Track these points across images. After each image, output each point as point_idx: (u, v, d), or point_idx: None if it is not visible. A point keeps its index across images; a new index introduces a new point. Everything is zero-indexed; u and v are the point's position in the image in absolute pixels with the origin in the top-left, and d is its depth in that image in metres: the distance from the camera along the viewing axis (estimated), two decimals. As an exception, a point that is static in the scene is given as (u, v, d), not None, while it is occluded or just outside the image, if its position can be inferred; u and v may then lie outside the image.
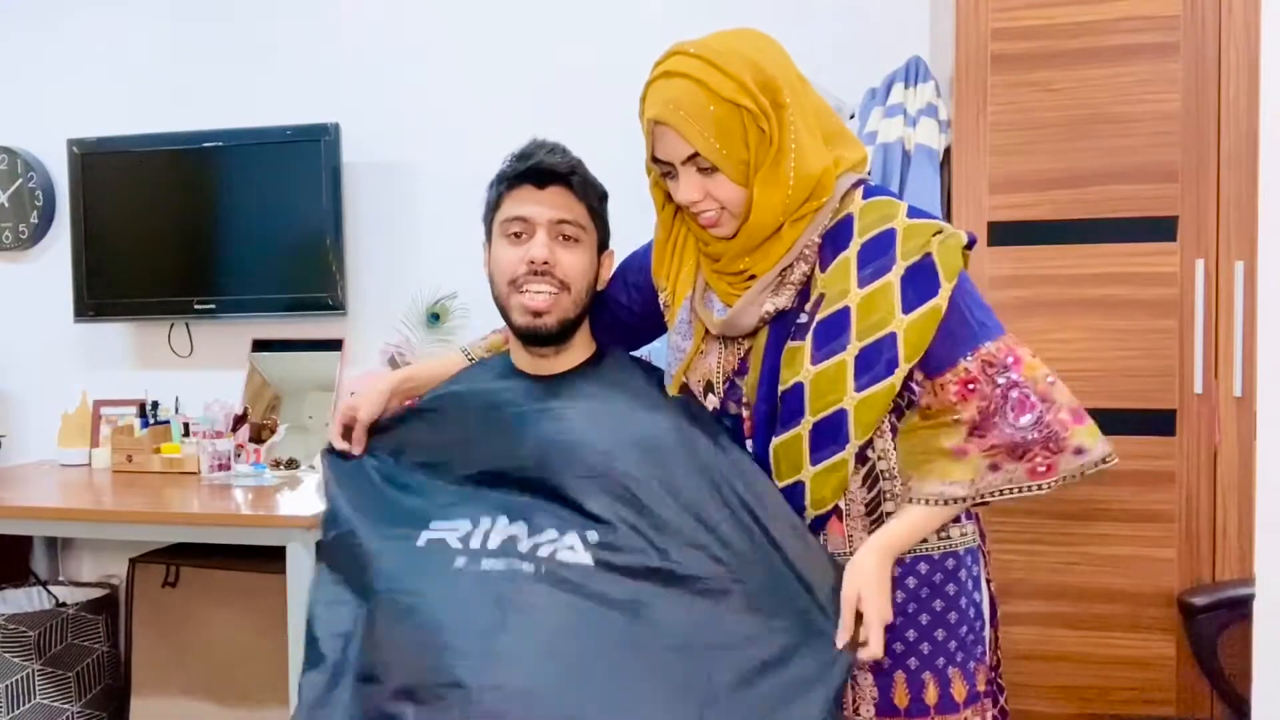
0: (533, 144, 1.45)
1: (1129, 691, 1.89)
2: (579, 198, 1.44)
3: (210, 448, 2.44)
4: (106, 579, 2.93)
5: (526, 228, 1.42)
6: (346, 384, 2.69)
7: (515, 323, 1.44)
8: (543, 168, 1.42)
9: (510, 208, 1.43)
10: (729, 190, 1.27)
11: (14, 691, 2.56)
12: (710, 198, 1.28)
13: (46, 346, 2.98)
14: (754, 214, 1.27)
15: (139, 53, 2.90)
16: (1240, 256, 1.82)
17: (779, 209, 1.27)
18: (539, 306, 1.41)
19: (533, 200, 1.42)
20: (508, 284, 1.43)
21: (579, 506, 1.32)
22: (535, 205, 1.42)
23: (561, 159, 1.43)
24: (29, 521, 2.37)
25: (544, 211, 1.42)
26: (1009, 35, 1.89)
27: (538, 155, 1.42)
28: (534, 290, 1.41)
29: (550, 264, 1.41)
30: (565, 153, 1.45)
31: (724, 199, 1.28)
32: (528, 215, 1.42)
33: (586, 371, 1.49)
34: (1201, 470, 1.86)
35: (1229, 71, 1.82)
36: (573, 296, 1.43)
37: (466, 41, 2.70)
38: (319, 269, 2.68)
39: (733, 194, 1.27)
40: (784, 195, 1.26)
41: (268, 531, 2.11)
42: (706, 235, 1.34)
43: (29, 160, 2.94)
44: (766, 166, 1.25)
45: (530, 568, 1.26)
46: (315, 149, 2.66)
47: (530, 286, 1.41)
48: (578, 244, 1.44)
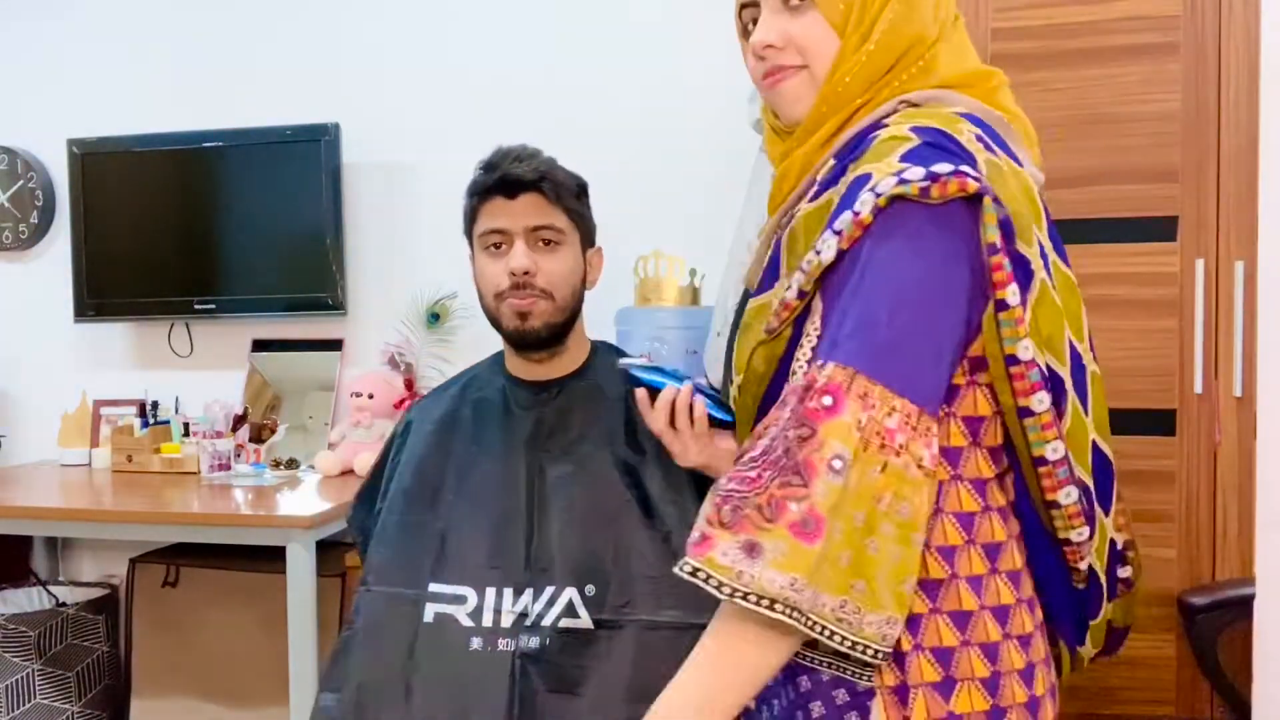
0: (498, 153, 1.44)
1: (1129, 691, 1.89)
2: (553, 202, 1.42)
3: (210, 448, 2.44)
4: (106, 579, 2.93)
5: (504, 239, 1.42)
6: (346, 384, 2.69)
7: (506, 328, 1.46)
8: (510, 178, 1.40)
9: (485, 221, 1.43)
10: (818, 35, 0.97)
11: (14, 691, 2.56)
12: (792, 46, 0.98)
13: (46, 346, 2.98)
14: (834, 73, 0.97)
15: (139, 52, 2.90)
16: (1240, 256, 1.82)
17: (862, 76, 0.96)
18: (525, 308, 1.42)
19: (505, 212, 1.41)
20: (494, 297, 1.44)
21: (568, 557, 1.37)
22: (508, 217, 1.41)
23: (529, 166, 1.41)
24: (29, 521, 2.37)
25: (518, 221, 1.41)
26: (1009, 35, 1.89)
27: (504, 166, 1.41)
28: (518, 300, 1.42)
29: (532, 274, 1.40)
30: (534, 157, 1.43)
31: (809, 46, 0.97)
32: (503, 227, 1.41)
33: (573, 387, 1.49)
34: (1201, 470, 1.86)
35: (1229, 71, 1.82)
36: (558, 303, 1.43)
37: (466, 42, 2.69)
38: (319, 269, 2.68)
39: (821, 41, 0.97)
40: (861, 59, 0.96)
41: (268, 531, 2.11)
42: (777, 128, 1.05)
43: (29, 160, 2.94)
44: (857, 9, 0.96)
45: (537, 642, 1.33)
46: (315, 149, 2.66)
47: (514, 298, 1.42)
48: (559, 246, 1.43)
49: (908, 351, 0.87)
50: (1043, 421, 0.91)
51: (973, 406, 0.94)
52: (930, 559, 0.93)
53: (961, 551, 0.94)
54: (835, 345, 0.87)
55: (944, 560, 0.94)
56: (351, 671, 1.37)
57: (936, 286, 0.88)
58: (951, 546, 0.94)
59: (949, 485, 0.94)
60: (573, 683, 1.29)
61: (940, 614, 0.93)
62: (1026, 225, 0.92)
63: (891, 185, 0.86)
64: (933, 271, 0.88)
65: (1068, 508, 0.95)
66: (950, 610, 0.93)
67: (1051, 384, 0.92)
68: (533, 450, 1.44)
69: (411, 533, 1.43)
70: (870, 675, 0.92)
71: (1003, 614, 0.95)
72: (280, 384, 2.80)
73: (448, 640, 1.34)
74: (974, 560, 0.95)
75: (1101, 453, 1.01)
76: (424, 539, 1.41)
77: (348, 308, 2.73)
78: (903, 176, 0.87)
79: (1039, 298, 0.92)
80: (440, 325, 2.65)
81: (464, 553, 1.39)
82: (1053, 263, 0.96)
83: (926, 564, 0.92)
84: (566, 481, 1.40)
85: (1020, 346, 0.89)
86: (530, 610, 1.34)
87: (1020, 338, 0.89)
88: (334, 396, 2.73)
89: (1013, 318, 0.88)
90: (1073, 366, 0.96)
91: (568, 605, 1.33)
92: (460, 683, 1.31)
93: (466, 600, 1.36)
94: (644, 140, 2.50)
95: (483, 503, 1.42)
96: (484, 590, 1.36)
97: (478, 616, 1.35)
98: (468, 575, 1.38)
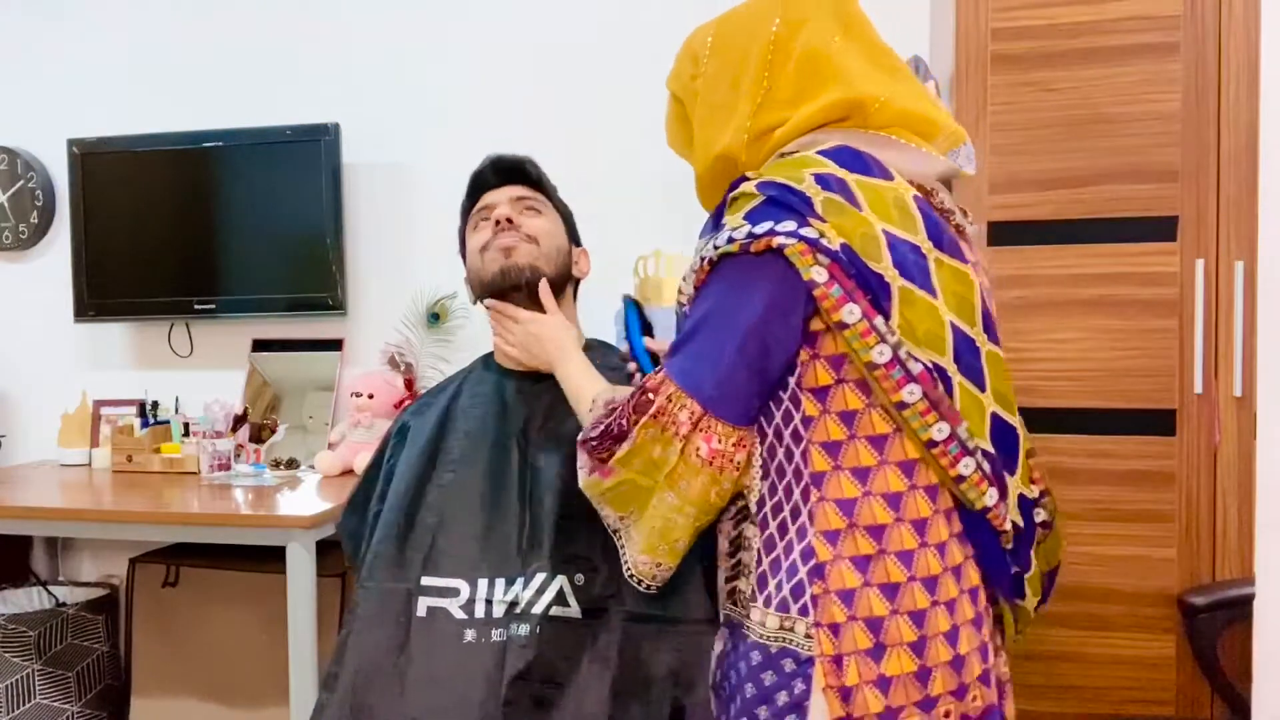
0: (485, 160, 1.57)
1: (1129, 691, 1.90)
2: (536, 187, 1.56)
3: (210, 448, 2.44)
4: (106, 579, 2.93)
5: (492, 210, 1.52)
6: (346, 384, 2.69)
7: (489, 274, 1.50)
8: (499, 162, 1.55)
9: (475, 211, 1.56)
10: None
11: (14, 691, 2.56)
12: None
13: (46, 346, 2.98)
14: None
15: (139, 52, 2.90)
16: (1240, 256, 1.82)
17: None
18: (509, 243, 1.49)
19: (493, 192, 1.55)
20: (479, 252, 1.51)
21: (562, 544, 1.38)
22: (495, 194, 1.54)
23: (516, 157, 1.56)
24: (29, 521, 2.37)
25: (504, 194, 1.53)
26: (1009, 35, 1.89)
27: (491, 159, 1.56)
28: (502, 239, 1.49)
29: (515, 223, 1.50)
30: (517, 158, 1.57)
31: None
32: (490, 201, 1.53)
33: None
34: (1201, 470, 1.86)
35: (1229, 71, 1.82)
36: (543, 250, 1.50)
37: (467, 42, 2.69)
38: (319, 269, 2.68)
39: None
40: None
41: (268, 532, 2.11)
42: None
43: (29, 160, 2.94)
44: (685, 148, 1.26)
45: (526, 630, 1.33)
46: (315, 149, 2.66)
47: (498, 240, 1.49)
48: (541, 213, 1.54)
49: (702, 366, 1.09)
50: (919, 410, 1.06)
51: (890, 397, 1.07)
52: (859, 537, 1.07)
53: (891, 529, 1.07)
54: (671, 352, 1.13)
55: (872, 538, 1.07)
56: (346, 668, 1.38)
57: (739, 320, 1.07)
58: (880, 525, 1.07)
59: (877, 469, 1.08)
60: (561, 672, 1.30)
61: (871, 587, 1.06)
62: (874, 244, 1.06)
63: (724, 242, 1.08)
64: (739, 309, 1.08)
65: (971, 478, 1.09)
66: (880, 583, 1.06)
67: (936, 373, 1.07)
68: (524, 441, 1.46)
69: (404, 529, 1.44)
70: (810, 645, 1.06)
71: (931, 583, 1.07)
72: (280, 384, 2.80)
73: (441, 634, 1.35)
74: (904, 536, 1.07)
75: (1002, 421, 1.14)
76: (416, 534, 1.43)
77: (348, 308, 2.73)
78: (731, 235, 1.08)
79: (905, 302, 1.06)
80: (440, 325, 2.65)
81: (456, 545, 1.40)
82: (935, 260, 1.09)
83: (856, 542, 1.07)
84: (557, 472, 1.41)
85: (875, 353, 1.05)
86: (520, 598, 1.35)
87: (871, 346, 1.05)
88: (334, 396, 2.73)
89: (857, 332, 1.05)
90: (961, 350, 1.09)
91: (558, 594, 1.34)
92: (454, 676, 1.32)
93: (459, 593, 1.37)
94: (644, 140, 2.49)
95: (475, 495, 1.43)
96: (476, 581, 1.37)
97: (470, 608, 1.36)
98: (460, 567, 1.39)
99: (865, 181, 1.09)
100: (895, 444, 1.08)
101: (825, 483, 1.08)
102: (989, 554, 1.14)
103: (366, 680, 1.36)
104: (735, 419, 1.09)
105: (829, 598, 1.06)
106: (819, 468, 1.08)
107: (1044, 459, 1.86)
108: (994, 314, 1.16)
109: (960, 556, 1.11)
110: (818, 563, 1.07)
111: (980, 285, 1.14)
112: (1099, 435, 1.84)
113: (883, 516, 1.07)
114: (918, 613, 1.06)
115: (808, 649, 1.06)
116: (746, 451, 1.11)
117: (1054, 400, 1.87)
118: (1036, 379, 1.87)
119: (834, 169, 1.09)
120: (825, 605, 1.06)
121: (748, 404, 1.10)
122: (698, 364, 1.09)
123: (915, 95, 1.17)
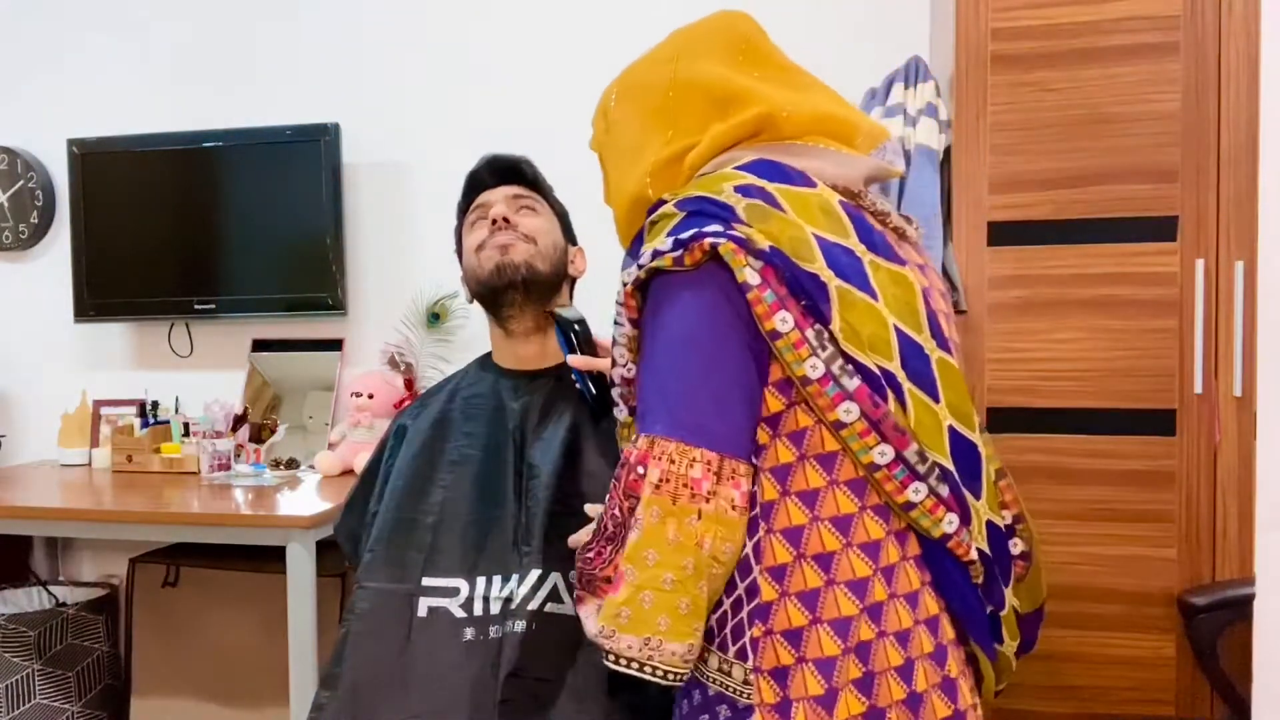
0: (481, 160, 1.58)
1: (1129, 691, 1.89)
2: (532, 186, 1.56)
3: (210, 448, 2.44)
4: (106, 579, 2.93)
5: (488, 209, 1.52)
6: (346, 384, 2.69)
7: (485, 272, 1.50)
8: (496, 161, 1.56)
9: (471, 211, 1.57)
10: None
11: (14, 691, 2.56)
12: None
13: (46, 346, 2.98)
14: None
15: (139, 52, 2.90)
16: (1240, 256, 1.82)
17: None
18: (505, 241, 1.49)
19: (489, 192, 1.55)
20: (475, 251, 1.52)
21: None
22: (491, 193, 1.55)
23: (512, 157, 1.56)
24: (29, 521, 2.37)
25: (500, 194, 1.54)
26: (1009, 35, 1.89)
27: (487, 159, 1.57)
28: (499, 237, 1.49)
29: (512, 222, 1.50)
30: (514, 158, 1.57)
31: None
32: (486, 200, 1.54)
33: (561, 375, 1.50)
34: (1201, 470, 1.86)
35: (1229, 71, 1.82)
36: (539, 249, 1.50)
37: (466, 41, 2.70)
38: (319, 269, 2.68)
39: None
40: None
41: (268, 532, 2.11)
42: None
43: (29, 160, 2.94)
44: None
45: (521, 626, 1.33)
46: (315, 149, 2.66)
47: (494, 238, 1.50)
48: (537, 212, 1.54)
49: (692, 407, 0.96)
50: (858, 431, 0.97)
51: (826, 416, 0.99)
52: (807, 569, 0.97)
53: (840, 556, 0.98)
54: (642, 419, 0.99)
55: (820, 568, 0.98)
56: (347, 669, 1.38)
57: (704, 341, 0.97)
58: (829, 553, 0.98)
59: (825, 490, 0.99)
60: (556, 667, 1.30)
61: (821, 624, 0.97)
62: (805, 246, 0.98)
63: (648, 261, 0.99)
64: (698, 329, 0.98)
65: (922, 504, 0.99)
66: (830, 619, 0.97)
67: (885, 380, 0.98)
68: (520, 438, 1.46)
69: (404, 529, 1.44)
70: (749, 693, 0.97)
71: (876, 611, 0.98)
72: (280, 384, 2.80)
73: (441, 633, 1.35)
74: (854, 563, 0.98)
75: (962, 438, 1.04)
76: (415, 534, 1.43)
77: (348, 308, 2.73)
78: (656, 250, 0.99)
79: (845, 305, 0.98)
80: (440, 325, 2.65)
81: (455, 544, 1.41)
82: (870, 263, 1.02)
83: (804, 575, 0.97)
84: (553, 468, 1.41)
85: (807, 366, 0.96)
86: (515, 595, 1.35)
87: (804, 359, 0.96)
88: (334, 396, 2.73)
89: (789, 343, 0.96)
90: (908, 356, 1.00)
91: (553, 590, 1.34)
92: (455, 674, 1.32)
93: (459, 592, 1.37)
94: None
95: (472, 493, 1.43)
96: (474, 580, 1.38)
97: (469, 607, 1.36)
98: (459, 566, 1.39)
99: (787, 189, 1.03)
100: (845, 462, 0.99)
101: (774, 514, 0.99)
102: (956, 589, 1.04)
103: (368, 680, 1.36)
104: (748, 454, 0.99)
105: (772, 640, 0.98)
106: (768, 497, 0.99)
107: (1044, 459, 1.87)
108: (945, 319, 1.08)
109: (916, 583, 1.01)
110: (761, 603, 0.98)
111: (923, 288, 1.06)
112: (1099, 435, 1.84)
113: (831, 543, 0.98)
114: (862, 645, 0.97)
115: (745, 696, 0.98)
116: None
117: (1054, 400, 1.87)
118: (1036, 379, 1.87)
119: (754, 180, 1.03)
120: (766, 648, 0.98)
121: (752, 435, 0.99)
122: (688, 408, 0.97)
123: (827, 100, 1.13)
